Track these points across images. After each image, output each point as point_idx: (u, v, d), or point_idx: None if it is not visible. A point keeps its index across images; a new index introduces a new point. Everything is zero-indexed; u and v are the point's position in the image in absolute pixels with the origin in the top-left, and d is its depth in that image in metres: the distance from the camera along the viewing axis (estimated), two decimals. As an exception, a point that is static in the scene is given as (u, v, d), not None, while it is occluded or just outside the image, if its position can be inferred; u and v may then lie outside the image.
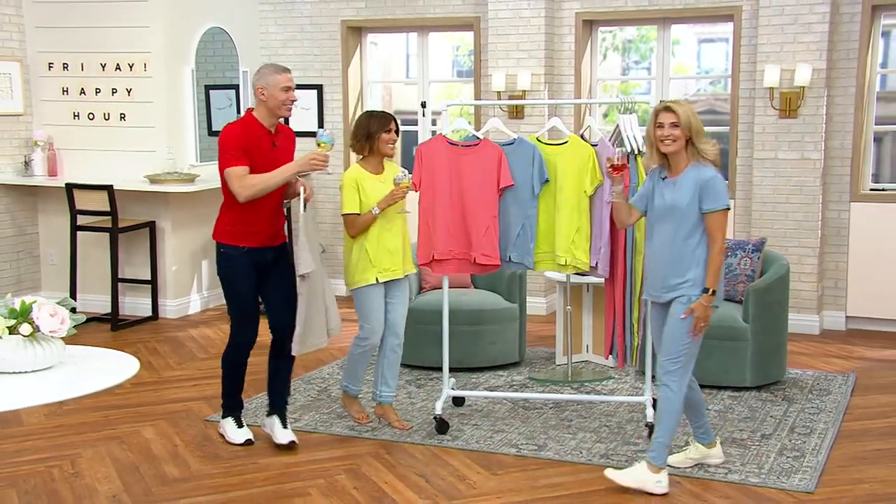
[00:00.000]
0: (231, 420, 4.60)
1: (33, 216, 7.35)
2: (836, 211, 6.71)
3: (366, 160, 4.67)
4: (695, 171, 3.88)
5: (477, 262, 4.64)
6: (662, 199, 3.94)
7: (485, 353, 5.69)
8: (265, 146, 4.32)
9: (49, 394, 2.86)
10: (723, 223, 3.87)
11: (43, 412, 4.97)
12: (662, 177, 3.98)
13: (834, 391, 5.33)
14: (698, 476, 4.14)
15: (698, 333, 3.90)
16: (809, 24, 6.42)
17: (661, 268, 3.95)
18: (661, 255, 3.96)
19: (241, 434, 4.56)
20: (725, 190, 3.90)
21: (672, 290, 3.92)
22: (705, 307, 3.86)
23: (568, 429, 4.74)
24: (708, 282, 3.86)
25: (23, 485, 4.09)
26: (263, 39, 7.94)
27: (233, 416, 4.61)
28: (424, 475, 4.19)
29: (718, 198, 3.84)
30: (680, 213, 3.88)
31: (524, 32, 7.05)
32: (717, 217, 3.85)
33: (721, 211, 3.85)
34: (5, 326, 2.92)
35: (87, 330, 6.46)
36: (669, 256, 3.92)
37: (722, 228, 3.86)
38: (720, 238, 3.85)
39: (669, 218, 3.92)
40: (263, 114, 4.35)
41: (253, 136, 4.30)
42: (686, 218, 3.87)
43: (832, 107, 6.60)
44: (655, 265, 3.99)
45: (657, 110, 3.93)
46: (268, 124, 4.37)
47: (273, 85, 4.30)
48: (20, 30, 7.17)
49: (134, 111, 7.07)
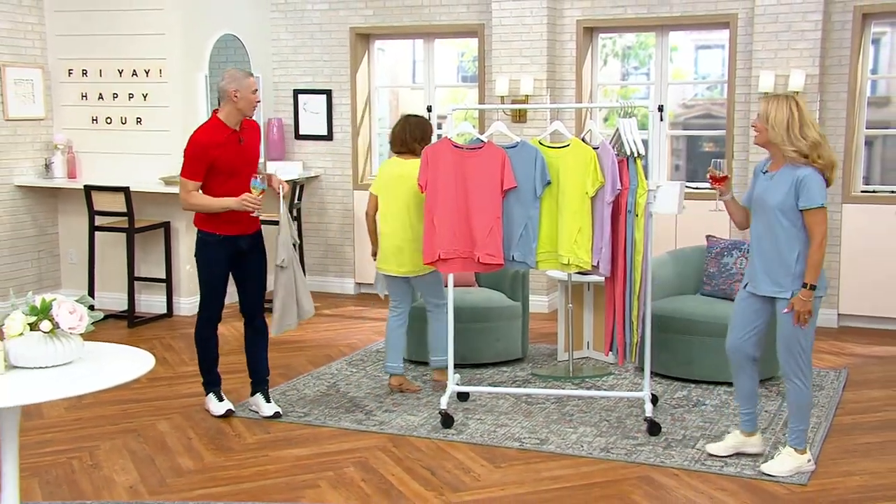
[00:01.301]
0: (212, 395, 4.86)
1: (54, 217, 7.36)
2: (829, 212, 6.67)
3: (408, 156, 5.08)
4: (793, 168, 3.85)
5: (481, 261, 4.63)
6: (755, 191, 3.97)
7: (489, 350, 5.68)
8: (232, 144, 4.57)
9: (68, 388, 2.85)
10: (822, 220, 3.83)
11: (63, 406, 4.98)
12: (763, 170, 4.01)
13: (826, 386, 5.31)
14: (695, 469, 4.13)
15: (803, 324, 3.88)
16: (803, 32, 6.41)
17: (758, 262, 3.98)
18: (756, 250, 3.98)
19: (222, 406, 4.82)
20: (823, 188, 3.84)
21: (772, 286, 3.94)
22: (804, 301, 3.83)
23: (569, 423, 4.73)
24: (807, 277, 3.84)
25: (44, 475, 4.10)
26: (274, 46, 7.94)
27: (213, 391, 4.87)
28: (430, 468, 4.19)
29: (813, 196, 3.81)
30: (772, 209, 3.87)
31: (527, 39, 7.05)
32: (815, 214, 3.82)
33: (817, 208, 3.82)
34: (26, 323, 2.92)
35: (104, 327, 6.46)
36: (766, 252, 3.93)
37: (821, 224, 3.82)
38: (819, 234, 3.82)
39: (761, 212, 3.94)
40: (230, 114, 4.54)
41: (221, 140, 4.53)
42: (782, 214, 3.86)
43: (825, 111, 6.58)
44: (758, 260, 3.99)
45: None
46: (233, 123, 4.58)
47: (246, 88, 4.50)
48: (42, 38, 7.18)
49: (150, 115, 7.08)
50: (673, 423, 4.71)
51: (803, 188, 3.81)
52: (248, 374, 4.93)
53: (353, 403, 5.06)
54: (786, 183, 3.84)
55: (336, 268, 7.97)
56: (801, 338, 3.92)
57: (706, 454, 4.26)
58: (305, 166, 7.92)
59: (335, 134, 7.88)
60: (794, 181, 3.82)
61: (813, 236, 3.83)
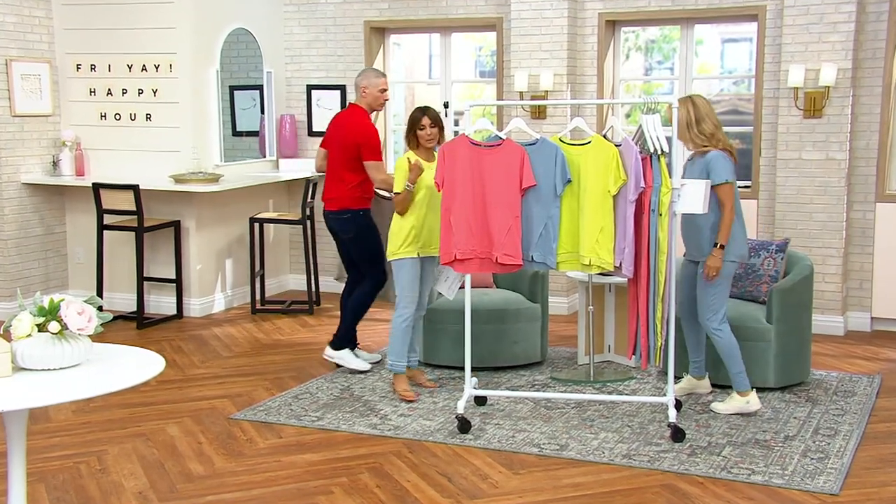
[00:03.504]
0: (348, 351, 5.69)
1: (61, 215, 7.42)
2: (861, 212, 6.65)
3: (417, 151, 5.15)
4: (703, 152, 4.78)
5: (499, 261, 4.63)
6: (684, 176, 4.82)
7: (507, 353, 5.68)
8: None
9: (77, 391, 2.87)
10: (730, 194, 4.71)
11: (71, 409, 5.01)
12: (689, 158, 4.89)
13: (859, 393, 5.28)
14: (721, 477, 4.11)
15: (711, 280, 4.73)
16: (835, 24, 6.36)
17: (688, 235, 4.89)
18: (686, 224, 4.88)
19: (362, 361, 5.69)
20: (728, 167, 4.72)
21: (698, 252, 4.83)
22: (715, 259, 4.70)
23: (590, 429, 4.72)
24: (719, 237, 4.71)
25: (51, 480, 4.14)
26: (287, 40, 7.98)
27: (351, 348, 5.73)
28: (447, 474, 4.19)
29: (720, 173, 4.69)
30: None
31: (547, 33, 7.04)
32: (723, 189, 4.68)
33: (724, 184, 4.68)
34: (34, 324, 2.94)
35: (113, 328, 6.52)
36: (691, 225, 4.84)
37: (730, 198, 4.70)
38: (728, 205, 4.70)
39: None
40: (364, 106, 5.60)
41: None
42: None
43: (858, 106, 6.54)
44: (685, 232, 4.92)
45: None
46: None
47: (374, 86, 5.56)
48: (49, 32, 7.25)
49: (159, 112, 7.13)
50: (698, 429, 4.70)
51: (712, 168, 4.69)
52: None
53: (368, 407, 5.07)
54: (699, 166, 4.75)
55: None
56: (713, 290, 4.77)
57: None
58: (318, 164, 7.94)
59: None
60: (705, 164, 4.72)
61: (723, 206, 4.70)
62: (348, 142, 5.50)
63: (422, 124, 5.05)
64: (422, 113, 5.09)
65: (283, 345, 6.42)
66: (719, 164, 4.69)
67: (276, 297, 7.74)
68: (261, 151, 7.87)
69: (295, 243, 8.05)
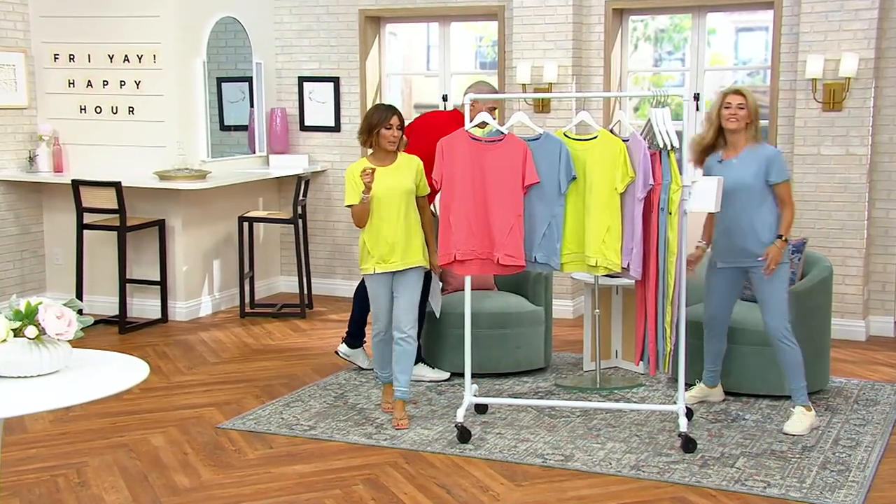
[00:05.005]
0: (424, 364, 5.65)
1: (38, 214, 7.43)
2: (884, 210, 6.66)
3: (373, 154, 4.92)
4: (754, 149, 4.74)
5: (500, 262, 4.64)
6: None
7: (509, 359, 5.70)
8: None
9: (55, 399, 2.88)
10: (790, 191, 4.75)
11: (48, 418, 5.02)
12: (718, 160, 4.79)
13: (881, 401, 5.29)
14: (735, 490, 4.12)
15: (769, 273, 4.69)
16: (857, 11, 6.37)
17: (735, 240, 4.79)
18: (734, 229, 4.76)
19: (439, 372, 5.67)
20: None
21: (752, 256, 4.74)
22: (778, 249, 4.66)
23: (596, 438, 4.73)
24: (781, 229, 4.69)
25: (27, 494, 4.14)
26: (278, 30, 7.99)
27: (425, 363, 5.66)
28: (445, 486, 4.20)
29: (783, 170, 4.72)
30: (746, 189, 4.69)
31: (551, 22, 7.05)
32: (785, 186, 4.72)
33: (787, 181, 4.72)
34: (10, 329, 2.95)
35: (93, 332, 6.52)
36: (743, 228, 4.74)
37: (790, 195, 4.74)
38: (790, 202, 4.72)
39: (735, 196, 4.67)
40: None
41: None
42: (753, 192, 4.69)
43: (880, 99, 6.55)
44: (729, 238, 4.81)
45: (725, 93, 4.76)
46: None
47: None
48: (24, 19, 7.25)
49: (143, 105, 7.14)
50: (710, 439, 4.71)
51: (775, 165, 4.70)
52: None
53: (363, 416, 5.08)
54: (751, 161, 4.71)
55: (344, 269, 8.00)
56: (784, 294, 4.73)
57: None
58: (311, 160, 7.96)
59: (343, 125, 7.92)
60: (764, 160, 4.70)
61: (785, 203, 4.72)
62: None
63: (389, 123, 4.78)
64: (391, 111, 4.83)
65: (274, 350, 6.42)
66: (781, 160, 4.76)
67: (266, 299, 7.75)
68: (250, 147, 7.88)
69: (286, 243, 8.07)
